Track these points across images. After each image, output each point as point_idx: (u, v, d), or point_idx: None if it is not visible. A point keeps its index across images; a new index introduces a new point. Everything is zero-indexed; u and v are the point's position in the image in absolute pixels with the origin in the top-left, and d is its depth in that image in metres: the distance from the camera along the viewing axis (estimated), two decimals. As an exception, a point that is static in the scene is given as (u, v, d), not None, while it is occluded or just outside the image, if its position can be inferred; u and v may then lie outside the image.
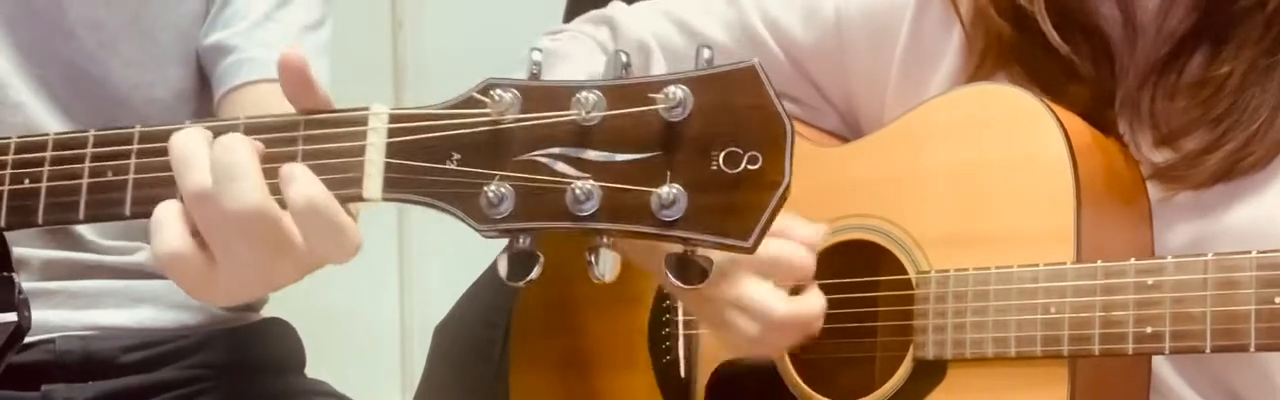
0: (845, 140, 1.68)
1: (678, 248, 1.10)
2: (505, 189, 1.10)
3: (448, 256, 2.87)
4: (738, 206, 1.07)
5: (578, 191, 1.08)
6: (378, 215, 3.00)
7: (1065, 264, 1.44)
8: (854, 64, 1.65)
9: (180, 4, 1.66)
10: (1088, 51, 1.54)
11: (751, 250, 1.08)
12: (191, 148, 1.18)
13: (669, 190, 1.07)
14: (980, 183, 1.51)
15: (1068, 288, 1.44)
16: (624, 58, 1.12)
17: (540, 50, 1.15)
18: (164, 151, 1.19)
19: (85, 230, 1.62)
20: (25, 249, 1.60)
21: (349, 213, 1.18)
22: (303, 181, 1.15)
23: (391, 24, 3.09)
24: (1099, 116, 1.52)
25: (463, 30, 2.98)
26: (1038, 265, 1.45)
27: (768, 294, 1.47)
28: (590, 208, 1.09)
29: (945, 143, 1.55)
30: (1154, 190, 1.50)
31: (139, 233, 1.64)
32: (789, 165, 1.07)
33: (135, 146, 1.24)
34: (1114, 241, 1.47)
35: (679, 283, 1.10)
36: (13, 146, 1.29)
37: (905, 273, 1.53)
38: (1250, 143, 1.47)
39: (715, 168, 1.07)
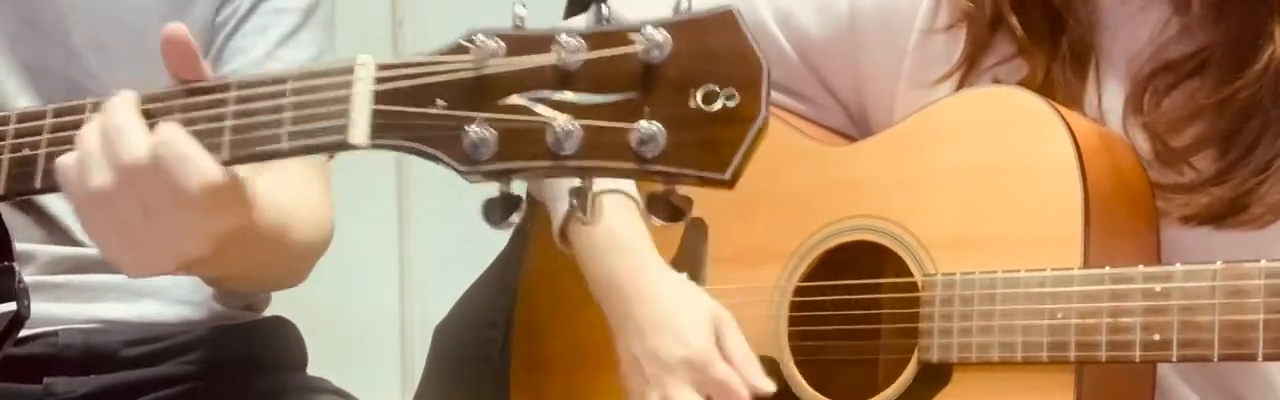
0: (852, 139, 1.68)
1: (658, 188, 1.11)
2: (488, 131, 1.11)
3: (448, 256, 2.86)
4: (715, 141, 1.08)
5: (558, 131, 1.09)
6: (378, 214, 3.01)
7: (1073, 269, 1.44)
8: (865, 60, 1.65)
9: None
10: (1045, 23, 1.56)
11: (729, 183, 1.08)
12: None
13: (647, 126, 1.08)
14: (987, 186, 1.51)
15: (1074, 293, 1.43)
16: (606, 10, 1.13)
17: (523, 5, 1.16)
18: (73, 126, 1.25)
19: (80, 232, 1.62)
20: (31, 244, 1.60)
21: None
22: (163, 127, 1.20)
23: (391, 24, 3.09)
24: (1066, 80, 1.54)
25: (463, 30, 2.97)
26: (1045, 270, 1.45)
27: None
28: (571, 147, 1.10)
29: (953, 145, 1.55)
30: None
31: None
32: (765, 101, 1.08)
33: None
34: (1122, 246, 1.47)
35: (658, 220, 1.11)
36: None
37: (910, 275, 1.53)
38: (1255, 190, 1.46)
39: (693, 105, 1.08)
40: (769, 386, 1.56)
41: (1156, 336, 1.39)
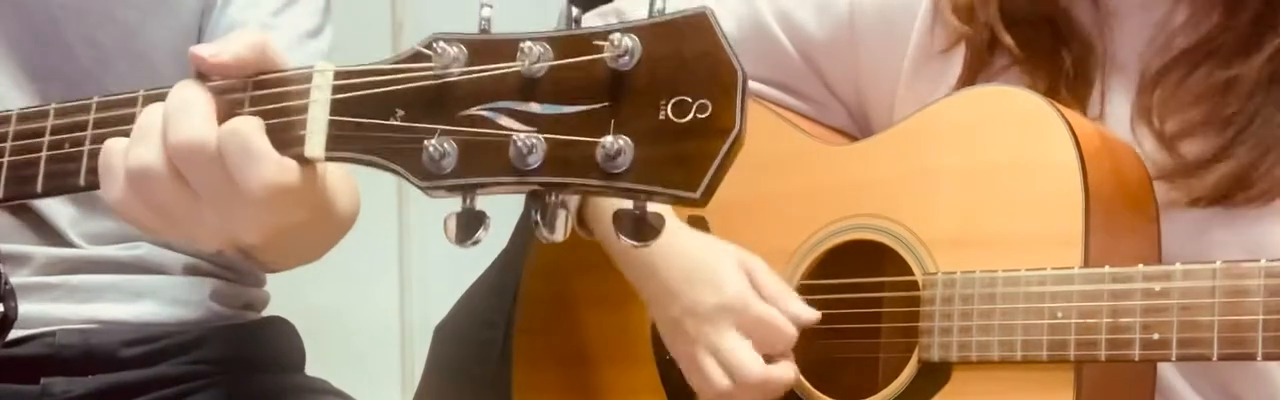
0: (853, 138, 1.68)
1: (629, 204, 1.05)
2: (448, 145, 1.06)
3: (448, 256, 2.86)
4: (687, 156, 1.02)
5: (521, 145, 1.04)
6: (378, 214, 3.01)
7: (1073, 268, 1.44)
8: (866, 60, 1.65)
9: (174, 19, 1.65)
10: (1045, 38, 1.56)
11: (701, 202, 1.02)
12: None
13: (614, 141, 1.03)
14: (989, 185, 1.51)
15: (1075, 292, 1.43)
16: (574, 11, 1.09)
17: (490, 7, 1.11)
18: (119, 120, 1.19)
19: (76, 236, 1.62)
20: (26, 246, 1.59)
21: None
22: (238, 119, 1.13)
23: (391, 24, 3.09)
24: (1071, 91, 1.54)
25: (462, 30, 2.96)
26: (1045, 269, 1.45)
27: (748, 354, 1.54)
28: (535, 161, 1.04)
29: (954, 144, 1.55)
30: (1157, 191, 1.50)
31: (131, 236, 1.64)
32: (740, 112, 1.01)
33: (93, 117, 1.22)
34: (1122, 246, 1.47)
35: (630, 240, 1.05)
36: None
37: (911, 274, 1.53)
38: (1258, 165, 1.46)
39: (663, 117, 1.02)
40: (812, 314, 1.56)
41: (1156, 336, 1.39)
